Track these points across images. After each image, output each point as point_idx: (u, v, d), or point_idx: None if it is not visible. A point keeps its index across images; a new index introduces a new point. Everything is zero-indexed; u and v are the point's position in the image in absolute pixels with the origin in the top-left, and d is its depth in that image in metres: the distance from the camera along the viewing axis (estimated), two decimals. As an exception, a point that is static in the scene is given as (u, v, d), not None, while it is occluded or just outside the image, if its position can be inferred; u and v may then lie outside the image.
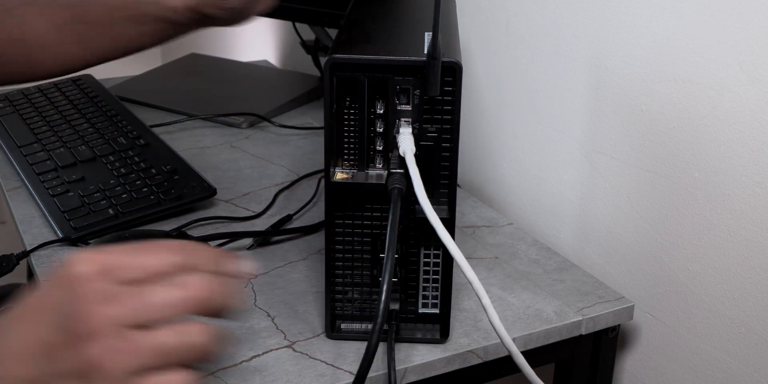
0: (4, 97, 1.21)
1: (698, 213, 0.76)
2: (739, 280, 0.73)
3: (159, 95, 1.30)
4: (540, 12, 0.91)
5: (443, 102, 0.63)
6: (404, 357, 0.70)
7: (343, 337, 0.71)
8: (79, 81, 1.25)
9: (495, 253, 0.87)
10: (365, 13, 0.75)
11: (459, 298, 0.78)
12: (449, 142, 0.64)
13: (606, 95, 0.84)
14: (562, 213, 0.93)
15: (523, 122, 0.97)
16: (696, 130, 0.74)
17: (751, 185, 0.70)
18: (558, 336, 0.76)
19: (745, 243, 0.72)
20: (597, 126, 0.86)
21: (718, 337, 0.76)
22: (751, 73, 0.68)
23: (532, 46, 0.93)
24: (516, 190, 1.01)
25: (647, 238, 0.82)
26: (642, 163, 0.81)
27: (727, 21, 0.69)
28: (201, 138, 1.16)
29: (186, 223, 0.89)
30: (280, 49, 1.62)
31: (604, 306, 0.78)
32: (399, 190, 0.62)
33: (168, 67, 1.47)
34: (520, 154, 0.99)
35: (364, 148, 0.65)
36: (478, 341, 0.72)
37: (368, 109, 0.64)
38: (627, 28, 0.80)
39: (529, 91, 0.95)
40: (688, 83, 0.74)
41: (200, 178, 0.95)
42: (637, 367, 0.87)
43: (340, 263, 0.68)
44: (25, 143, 1.06)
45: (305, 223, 0.91)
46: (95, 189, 0.93)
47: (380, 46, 0.65)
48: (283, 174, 1.04)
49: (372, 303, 0.70)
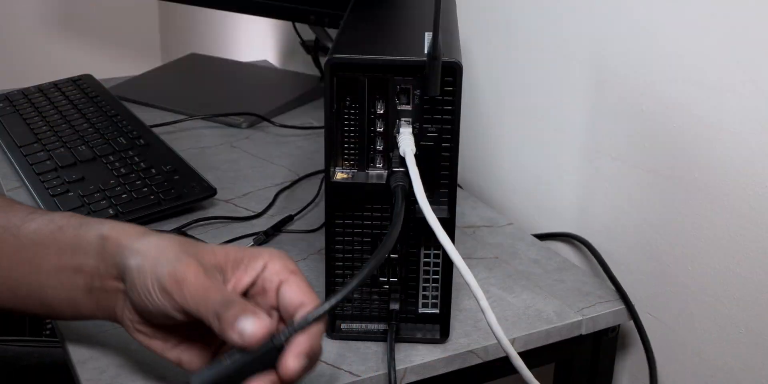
0: (4, 97, 1.21)
1: (698, 213, 0.76)
2: (739, 280, 0.73)
3: (159, 95, 1.30)
4: (540, 12, 0.91)
5: (443, 102, 0.63)
6: (404, 357, 0.70)
7: (343, 337, 0.71)
8: (79, 81, 1.25)
9: (495, 253, 0.87)
10: (365, 13, 0.75)
11: (459, 298, 0.78)
12: (449, 142, 0.64)
13: (606, 95, 0.84)
14: (562, 213, 0.93)
15: (523, 122, 0.97)
16: (696, 130, 0.74)
17: (751, 185, 0.70)
18: (558, 336, 0.76)
19: (745, 243, 0.72)
20: (597, 126, 0.86)
21: (718, 337, 0.76)
22: (751, 73, 0.68)
23: (532, 46, 0.93)
24: (516, 190, 1.01)
25: (647, 238, 0.82)
26: (642, 163, 0.81)
27: (727, 21, 0.69)
28: (201, 138, 1.16)
29: (186, 223, 0.89)
30: (280, 49, 1.62)
31: (604, 306, 0.78)
32: (403, 188, 0.62)
33: (168, 67, 1.47)
34: (520, 154, 0.99)
35: (365, 148, 0.65)
36: (478, 341, 0.72)
37: (368, 109, 0.64)
38: (627, 28, 0.80)
39: (529, 91, 0.95)
40: (688, 83, 0.74)
41: (200, 178, 0.95)
42: (637, 367, 0.87)
43: (340, 263, 0.68)
44: (25, 143, 1.06)
45: (306, 224, 0.91)
46: (95, 189, 0.93)
47: (380, 46, 0.65)
48: (283, 174, 1.04)
49: (372, 303, 0.70)
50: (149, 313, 0.55)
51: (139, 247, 0.56)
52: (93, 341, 0.70)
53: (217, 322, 0.51)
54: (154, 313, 0.55)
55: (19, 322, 1.27)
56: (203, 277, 0.53)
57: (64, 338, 0.71)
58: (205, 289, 0.53)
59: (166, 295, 0.53)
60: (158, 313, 0.54)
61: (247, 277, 0.56)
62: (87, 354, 0.69)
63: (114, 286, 0.58)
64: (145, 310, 0.56)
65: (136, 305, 0.56)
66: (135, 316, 0.57)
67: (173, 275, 0.53)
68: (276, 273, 0.56)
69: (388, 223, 0.67)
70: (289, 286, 0.55)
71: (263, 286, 0.56)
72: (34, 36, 2.36)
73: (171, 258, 0.54)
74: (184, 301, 0.53)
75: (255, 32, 1.72)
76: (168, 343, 0.58)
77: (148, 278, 0.54)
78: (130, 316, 0.58)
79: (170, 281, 0.53)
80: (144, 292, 0.54)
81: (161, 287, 0.53)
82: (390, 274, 0.69)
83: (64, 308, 0.61)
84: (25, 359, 0.97)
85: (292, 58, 1.56)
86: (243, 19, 1.77)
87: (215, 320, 0.51)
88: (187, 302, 0.53)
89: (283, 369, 0.51)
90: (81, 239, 0.59)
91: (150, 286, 0.54)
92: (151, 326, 0.57)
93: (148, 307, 0.55)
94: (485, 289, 0.80)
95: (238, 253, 0.57)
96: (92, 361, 0.68)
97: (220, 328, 0.51)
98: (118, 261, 0.57)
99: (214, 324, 0.52)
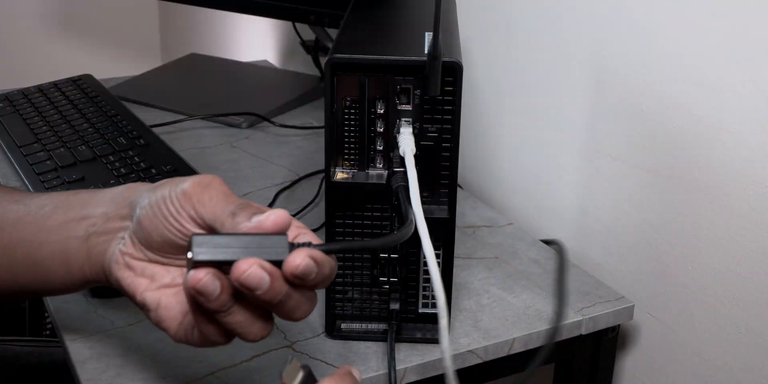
0: (4, 97, 1.21)
1: (698, 213, 0.76)
2: (739, 280, 0.73)
3: (159, 95, 1.30)
4: (540, 12, 0.91)
5: (444, 102, 0.63)
6: (404, 357, 0.70)
7: (343, 337, 0.71)
8: (79, 81, 1.25)
9: (495, 253, 0.87)
10: (365, 13, 0.75)
11: (459, 298, 0.78)
12: (449, 142, 0.64)
13: (606, 95, 0.84)
14: (562, 213, 0.93)
15: (523, 122, 0.97)
16: (696, 130, 0.74)
17: (751, 185, 0.70)
18: (558, 336, 0.76)
19: (745, 243, 0.72)
20: (597, 126, 0.86)
21: (718, 337, 0.76)
22: (751, 73, 0.68)
23: (532, 46, 0.93)
24: (516, 190, 1.01)
25: (647, 238, 0.82)
26: (642, 163, 0.81)
27: (727, 21, 0.69)
28: (201, 138, 1.16)
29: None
30: (280, 49, 1.62)
31: (604, 306, 0.78)
32: (404, 188, 0.62)
33: (168, 67, 1.47)
34: (520, 154, 0.99)
35: (365, 148, 0.65)
36: (478, 341, 0.72)
37: (368, 109, 0.64)
38: (627, 28, 0.80)
39: (529, 91, 0.95)
40: (688, 83, 0.74)
41: (200, 178, 0.95)
42: (637, 367, 0.87)
43: (340, 263, 0.68)
44: (25, 143, 1.06)
45: (306, 224, 0.90)
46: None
47: (380, 46, 0.65)
48: (283, 174, 1.04)
49: (372, 303, 0.70)
50: (155, 229, 0.54)
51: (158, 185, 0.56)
52: (93, 341, 0.70)
53: (229, 220, 0.51)
54: (160, 229, 0.54)
55: (19, 322, 1.27)
56: (226, 188, 0.54)
57: (64, 338, 0.71)
58: (226, 194, 0.53)
59: (185, 198, 0.53)
60: (166, 225, 0.53)
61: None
62: (87, 354, 0.69)
63: (115, 226, 0.57)
64: (152, 229, 0.54)
65: (142, 223, 0.55)
66: (131, 249, 0.56)
67: (199, 181, 0.53)
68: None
69: (388, 223, 0.67)
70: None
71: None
72: (34, 36, 2.36)
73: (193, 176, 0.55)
74: (202, 206, 0.52)
75: (255, 32, 1.72)
76: (154, 282, 0.56)
77: (165, 189, 0.54)
78: (125, 250, 0.56)
79: (193, 185, 0.53)
80: (158, 201, 0.53)
81: (181, 191, 0.53)
82: (390, 274, 0.69)
83: (55, 266, 0.59)
84: (24, 359, 0.97)
85: (292, 58, 1.56)
86: (243, 19, 1.77)
87: (228, 219, 0.51)
88: (205, 207, 0.52)
89: (288, 263, 0.49)
90: (97, 195, 0.59)
91: (166, 194, 0.53)
92: (144, 259, 0.56)
93: (157, 219, 0.54)
94: (485, 289, 0.80)
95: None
96: (92, 361, 0.68)
97: (231, 223, 0.51)
98: (132, 200, 0.56)
99: (227, 222, 0.51)
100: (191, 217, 0.53)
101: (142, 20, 2.46)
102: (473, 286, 0.81)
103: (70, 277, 0.59)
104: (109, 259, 0.57)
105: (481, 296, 0.79)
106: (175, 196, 0.53)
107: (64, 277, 0.59)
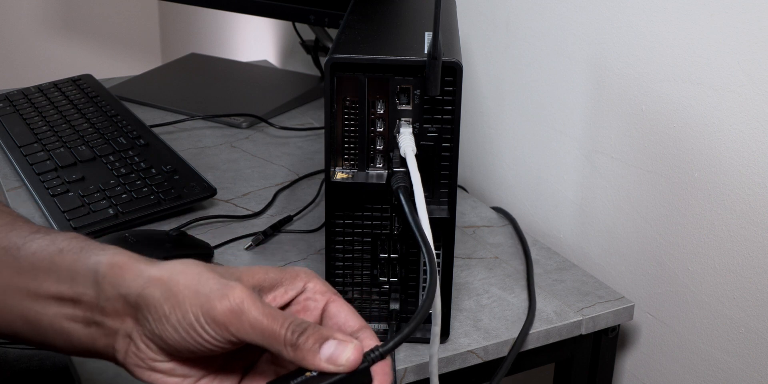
0: (4, 97, 1.21)
1: (698, 213, 0.76)
2: (739, 280, 0.73)
3: (159, 95, 1.30)
4: (540, 12, 0.91)
5: (443, 102, 0.63)
6: (404, 357, 0.70)
7: (343, 337, 0.71)
8: (79, 81, 1.25)
9: (495, 253, 0.87)
10: (365, 13, 0.75)
11: (459, 298, 0.78)
12: (449, 142, 0.64)
13: (606, 95, 0.84)
14: (562, 213, 0.93)
15: (523, 122, 0.97)
16: (696, 130, 0.74)
17: (751, 185, 0.70)
18: (558, 336, 0.76)
19: (745, 243, 0.72)
20: (597, 126, 0.86)
21: (718, 337, 0.76)
22: (751, 73, 0.68)
23: (532, 46, 0.93)
24: (516, 190, 1.01)
25: (647, 238, 0.82)
26: (642, 163, 0.81)
27: (727, 21, 0.69)
28: (201, 138, 1.16)
29: (186, 223, 0.89)
30: (280, 49, 1.62)
31: (604, 306, 0.78)
32: (405, 189, 0.61)
33: (168, 67, 1.47)
34: (520, 154, 0.99)
35: (365, 147, 0.65)
36: (478, 341, 0.72)
37: (368, 109, 0.64)
38: (627, 28, 0.80)
39: (529, 91, 0.95)
40: (688, 83, 0.74)
41: (200, 178, 0.95)
42: (637, 367, 0.87)
43: (340, 263, 0.68)
44: (25, 143, 1.06)
45: (306, 224, 0.91)
46: (95, 189, 0.93)
47: (380, 46, 0.65)
48: (283, 174, 1.04)
49: (372, 303, 0.70)
50: (186, 349, 0.50)
51: (155, 274, 0.51)
52: (93, 341, 0.70)
53: (290, 351, 0.48)
54: (194, 348, 0.50)
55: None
56: (260, 303, 0.49)
57: (64, 338, 0.71)
58: (266, 316, 0.49)
59: (220, 327, 0.49)
60: (201, 347, 0.50)
61: (287, 296, 0.54)
62: (87, 354, 0.69)
63: (113, 327, 0.52)
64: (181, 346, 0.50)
65: (167, 341, 0.50)
66: (153, 354, 0.51)
67: (228, 306, 0.49)
68: (321, 293, 0.54)
69: (388, 223, 0.67)
70: (338, 306, 0.54)
71: (305, 305, 0.54)
72: (34, 36, 2.36)
73: (214, 286, 0.49)
74: (245, 333, 0.49)
75: (255, 32, 1.72)
76: (189, 378, 0.53)
77: (189, 311, 0.49)
78: (145, 355, 0.51)
79: (225, 313, 0.48)
80: (185, 326, 0.49)
81: (213, 320, 0.49)
82: (390, 274, 0.69)
83: (57, 340, 0.55)
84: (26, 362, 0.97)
85: (292, 58, 1.56)
86: (243, 19, 1.77)
87: (288, 348, 0.48)
88: (249, 334, 0.49)
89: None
90: (79, 265, 0.54)
91: (194, 319, 0.49)
92: (174, 362, 0.52)
93: (188, 342, 0.50)
94: (485, 289, 0.80)
95: (277, 274, 0.54)
96: (92, 361, 0.68)
97: (295, 356, 0.48)
98: (124, 292, 0.51)
99: (286, 352, 0.48)
100: (231, 342, 0.50)
101: (142, 20, 2.46)
102: (473, 286, 0.81)
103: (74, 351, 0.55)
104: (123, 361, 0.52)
105: (481, 296, 0.79)
106: (208, 325, 0.49)
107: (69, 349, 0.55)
